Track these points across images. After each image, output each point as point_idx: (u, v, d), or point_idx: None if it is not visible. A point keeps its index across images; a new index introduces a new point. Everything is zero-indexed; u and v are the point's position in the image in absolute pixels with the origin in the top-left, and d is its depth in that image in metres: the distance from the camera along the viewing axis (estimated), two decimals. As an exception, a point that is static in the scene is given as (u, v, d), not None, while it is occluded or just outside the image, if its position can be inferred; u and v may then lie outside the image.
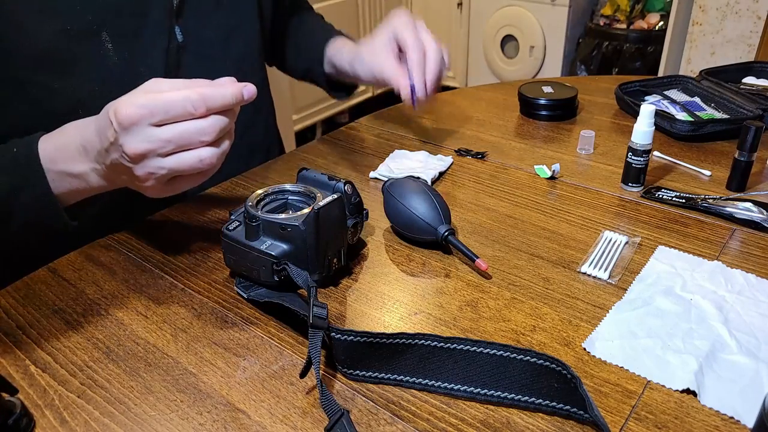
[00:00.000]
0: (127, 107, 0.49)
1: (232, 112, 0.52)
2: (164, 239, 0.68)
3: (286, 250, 0.55)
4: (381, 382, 0.48)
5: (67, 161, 0.56)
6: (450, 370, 0.47)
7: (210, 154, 0.51)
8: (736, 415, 0.44)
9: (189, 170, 0.52)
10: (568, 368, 0.43)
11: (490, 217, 0.71)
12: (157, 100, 0.49)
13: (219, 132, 0.51)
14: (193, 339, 0.53)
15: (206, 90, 0.50)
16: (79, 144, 0.55)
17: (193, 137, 0.50)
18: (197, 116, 0.50)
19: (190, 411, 0.46)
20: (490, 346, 0.46)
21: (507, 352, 0.45)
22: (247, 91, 0.51)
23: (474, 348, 0.46)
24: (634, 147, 0.74)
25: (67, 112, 0.61)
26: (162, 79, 0.52)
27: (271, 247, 0.55)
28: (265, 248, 0.55)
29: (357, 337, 0.47)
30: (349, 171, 0.83)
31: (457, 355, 0.46)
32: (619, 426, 0.44)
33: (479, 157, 0.86)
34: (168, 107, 0.49)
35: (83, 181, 0.57)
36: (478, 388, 0.46)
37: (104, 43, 0.67)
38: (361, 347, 0.48)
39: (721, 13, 2.16)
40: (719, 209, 0.69)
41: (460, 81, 3.24)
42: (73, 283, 0.61)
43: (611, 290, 0.58)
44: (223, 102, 0.50)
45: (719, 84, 0.99)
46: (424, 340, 0.47)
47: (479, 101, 1.08)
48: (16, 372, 0.50)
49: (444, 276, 0.61)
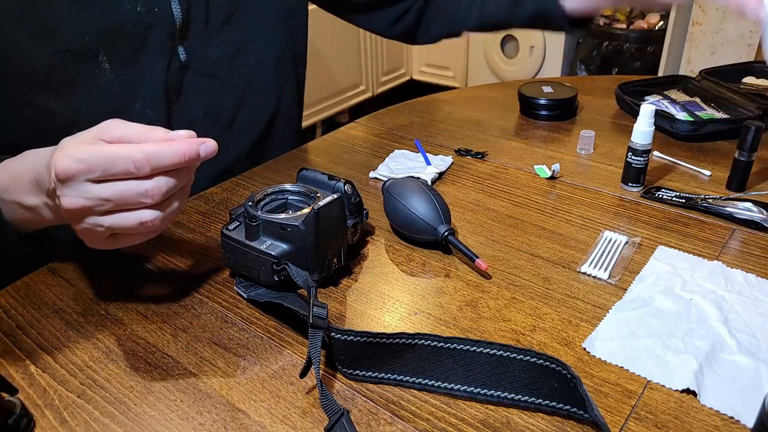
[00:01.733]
0: (63, 160, 0.44)
1: (186, 170, 0.47)
2: (164, 239, 0.68)
3: (286, 250, 0.55)
4: (381, 382, 0.48)
5: (19, 193, 0.52)
6: (450, 369, 0.47)
7: (152, 216, 0.46)
8: (736, 415, 0.44)
9: (129, 231, 0.47)
10: (568, 368, 0.43)
11: (490, 217, 0.71)
12: (99, 155, 0.44)
13: (163, 194, 0.46)
14: (193, 339, 0.53)
15: (152, 148, 0.44)
16: (32, 177, 0.51)
17: (134, 198, 0.45)
18: (140, 176, 0.45)
19: (190, 411, 0.46)
20: (490, 345, 0.46)
21: (507, 351, 0.45)
22: (204, 149, 0.46)
23: (474, 348, 0.46)
24: (634, 147, 0.74)
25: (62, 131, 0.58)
26: (117, 122, 0.47)
27: (271, 247, 0.55)
28: (265, 248, 0.55)
29: (357, 337, 0.48)
30: (349, 171, 0.83)
31: (457, 355, 0.46)
32: (619, 426, 0.44)
33: (479, 157, 0.86)
34: (108, 164, 0.44)
35: (36, 214, 0.53)
36: (478, 388, 0.46)
37: (101, 63, 0.66)
38: (361, 347, 0.48)
39: (721, 13, 2.16)
40: (719, 209, 0.69)
41: (460, 81, 3.23)
42: (73, 283, 0.61)
43: (611, 290, 0.58)
44: (171, 161, 0.45)
45: (719, 84, 0.99)
46: (424, 340, 0.47)
47: (479, 101, 1.08)
48: (16, 372, 0.50)
49: (444, 276, 0.61)
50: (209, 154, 0.46)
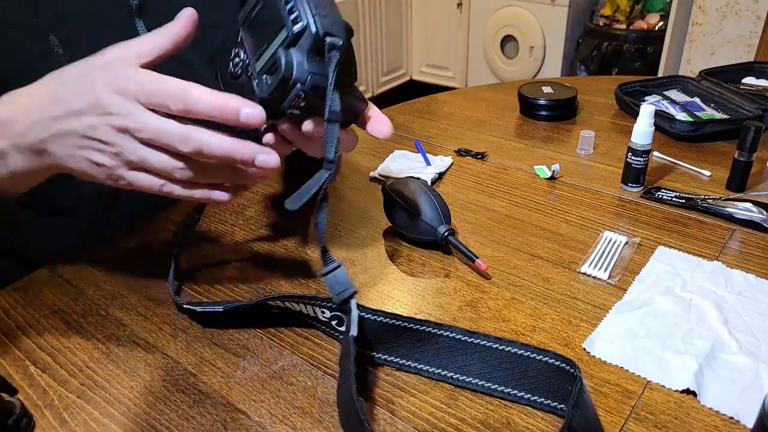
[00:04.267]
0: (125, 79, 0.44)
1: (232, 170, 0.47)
2: (164, 239, 0.68)
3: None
4: (402, 368, 0.50)
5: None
6: (471, 364, 0.48)
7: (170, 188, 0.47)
8: (736, 416, 0.44)
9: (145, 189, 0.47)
10: (577, 368, 0.43)
11: (490, 217, 0.71)
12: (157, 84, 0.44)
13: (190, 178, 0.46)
14: (193, 339, 0.53)
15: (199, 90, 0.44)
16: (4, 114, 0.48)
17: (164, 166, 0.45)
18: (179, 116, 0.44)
19: (190, 411, 0.46)
20: (511, 344, 0.46)
21: (528, 351, 0.46)
22: (245, 114, 0.44)
23: (497, 345, 0.47)
24: (633, 147, 0.74)
25: None
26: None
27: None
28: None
29: (387, 319, 0.49)
30: (349, 171, 0.83)
31: (480, 350, 0.47)
32: (619, 426, 0.44)
33: (479, 157, 0.86)
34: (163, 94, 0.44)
35: (3, 161, 0.49)
36: (496, 385, 0.47)
37: (53, 47, 0.61)
38: (389, 330, 0.49)
39: (720, 14, 2.16)
40: (719, 209, 0.69)
41: (460, 81, 3.24)
42: (73, 283, 0.61)
43: (611, 290, 0.58)
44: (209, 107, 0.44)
45: (719, 84, 0.99)
46: (450, 332, 0.48)
47: (479, 101, 1.08)
48: (16, 372, 0.50)
49: (444, 276, 0.61)
50: (249, 117, 0.44)
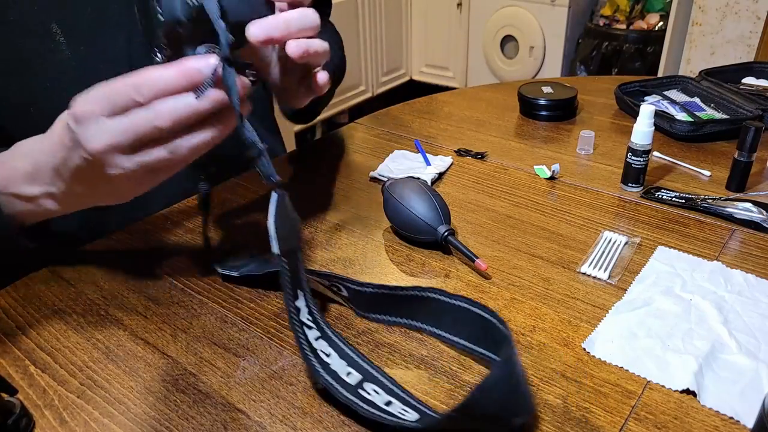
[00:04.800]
0: (74, 106, 0.44)
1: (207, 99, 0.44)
2: (164, 239, 0.68)
3: None
4: (394, 323, 0.54)
5: (16, 184, 0.52)
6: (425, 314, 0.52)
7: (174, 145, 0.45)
8: (736, 416, 0.44)
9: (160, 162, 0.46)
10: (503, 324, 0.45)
11: (490, 217, 0.71)
12: (101, 90, 0.44)
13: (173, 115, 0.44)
14: (193, 339, 0.53)
15: (148, 71, 0.43)
16: (28, 166, 0.51)
17: (146, 123, 0.44)
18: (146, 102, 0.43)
19: (190, 411, 0.46)
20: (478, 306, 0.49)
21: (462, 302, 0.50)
22: (206, 65, 0.42)
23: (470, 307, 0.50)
24: (633, 147, 0.74)
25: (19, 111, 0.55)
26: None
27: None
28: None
29: (376, 290, 0.53)
30: (349, 171, 0.83)
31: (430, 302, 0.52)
32: (619, 426, 0.44)
33: (479, 157, 0.86)
34: (111, 94, 0.44)
35: (36, 205, 0.53)
36: (440, 331, 0.52)
37: (55, 36, 0.61)
38: (381, 298, 0.53)
39: (720, 14, 2.16)
40: (719, 209, 0.69)
41: (459, 81, 3.24)
42: (73, 283, 0.61)
43: (611, 290, 0.58)
44: (167, 81, 0.43)
45: (719, 84, 0.99)
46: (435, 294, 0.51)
47: (479, 101, 1.08)
48: (16, 372, 0.50)
49: (444, 276, 0.61)
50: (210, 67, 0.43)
